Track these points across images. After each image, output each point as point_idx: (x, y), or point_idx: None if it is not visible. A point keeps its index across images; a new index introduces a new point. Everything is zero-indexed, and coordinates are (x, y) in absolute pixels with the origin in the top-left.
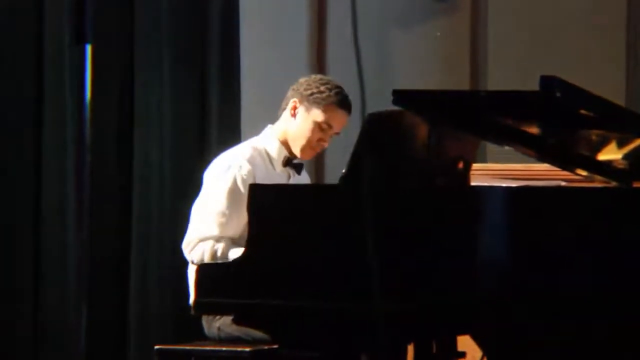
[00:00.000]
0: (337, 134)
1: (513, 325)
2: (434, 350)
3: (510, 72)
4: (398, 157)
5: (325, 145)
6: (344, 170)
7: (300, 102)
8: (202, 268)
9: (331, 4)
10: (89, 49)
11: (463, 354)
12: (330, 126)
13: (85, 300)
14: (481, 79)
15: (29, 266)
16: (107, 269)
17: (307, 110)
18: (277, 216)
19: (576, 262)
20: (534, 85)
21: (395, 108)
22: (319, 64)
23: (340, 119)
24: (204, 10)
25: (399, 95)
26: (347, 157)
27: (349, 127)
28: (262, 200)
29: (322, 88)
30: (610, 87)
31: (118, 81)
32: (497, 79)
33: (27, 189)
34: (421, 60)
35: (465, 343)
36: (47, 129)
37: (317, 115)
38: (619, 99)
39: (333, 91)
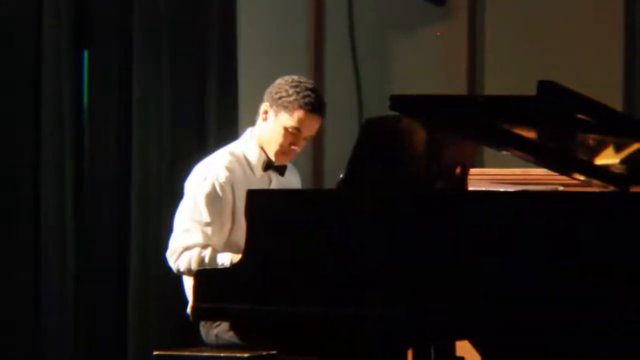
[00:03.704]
0: (311, 136)
1: (512, 330)
2: (433, 355)
3: (507, 76)
4: (395, 162)
5: (298, 149)
6: (341, 175)
7: (270, 106)
8: (200, 274)
9: (329, 7)
10: (86, 54)
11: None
12: (299, 131)
13: (84, 306)
14: (478, 83)
15: (29, 267)
16: (106, 273)
17: (276, 114)
18: (275, 221)
19: (574, 266)
20: (531, 89)
21: (393, 113)
22: (317, 68)
23: (309, 124)
24: (203, 12)
25: (396, 101)
26: (344, 162)
27: (346, 132)
28: (259, 205)
29: (290, 91)
30: (608, 91)
31: (117, 82)
32: (494, 83)
33: (26, 190)
34: (418, 65)
35: (463, 348)
36: (46, 132)
37: (285, 119)
38: (616, 103)
39: (301, 94)
